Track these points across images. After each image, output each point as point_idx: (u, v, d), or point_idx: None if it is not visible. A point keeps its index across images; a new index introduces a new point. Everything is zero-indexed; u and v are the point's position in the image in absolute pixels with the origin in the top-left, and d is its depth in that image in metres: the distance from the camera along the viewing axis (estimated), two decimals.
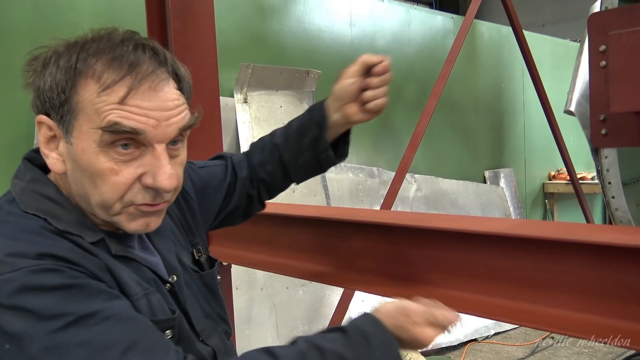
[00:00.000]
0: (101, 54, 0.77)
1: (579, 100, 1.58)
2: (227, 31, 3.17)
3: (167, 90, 0.79)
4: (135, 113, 0.76)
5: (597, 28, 1.25)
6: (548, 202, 5.59)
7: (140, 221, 0.82)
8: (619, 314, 0.98)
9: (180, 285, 0.93)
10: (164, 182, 0.79)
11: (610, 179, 1.52)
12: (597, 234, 0.99)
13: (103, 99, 0.75)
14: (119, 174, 0.78)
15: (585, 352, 3.63)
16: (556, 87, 4.57)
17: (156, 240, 0.94)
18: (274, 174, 1.19)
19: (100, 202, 0.80)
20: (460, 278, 1.21)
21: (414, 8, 4.46)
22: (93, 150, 0.77)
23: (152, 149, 0.79)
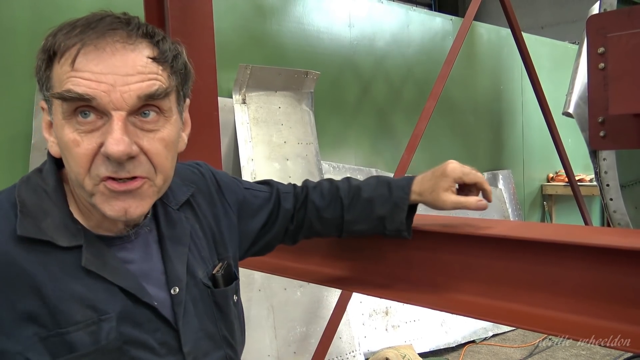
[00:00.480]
0: (69, 28, 0.76)
1: (577, 103, 1.58)
2: (226, 32, 3.16)
3: (129, 57, 0.75)
4: (86, 78, 0.73)
5: (596, 30, 1.26)
6: (546, 204, 5.59)
7: (115, 204, 0.77)
8: (618, 317, 0.97)
9: (179, 300, 0.86)
10: (110, 147, 0.73)
11: (608, 181, 1.52)
12: (595, 237, 0.99)
13: (63, 69, 0.74)
14: (80, 144, 0.75)
15: (584, 354, 3.63)
16: (555, 89, 4.58)
17: (169, 246, 0.89)
18: (326, 223, 1.16)
19: (75, 179, 0.78)
20: (459, 280, 1.20)
21: (413, 9, 4.46)
22: (60, 123, 0.76)
23: (111, 118, 0.74)
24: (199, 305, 0.90)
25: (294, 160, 3.20)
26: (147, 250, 0.87)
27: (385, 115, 4.14)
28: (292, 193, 1.16)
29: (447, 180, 1.10)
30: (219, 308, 0.93)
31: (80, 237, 0.79)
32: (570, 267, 1.03)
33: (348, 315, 3.19)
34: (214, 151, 1.90)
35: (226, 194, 1.06)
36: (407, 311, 3.68)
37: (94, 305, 0.77)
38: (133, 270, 0.83)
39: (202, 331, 0.89)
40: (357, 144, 3.96)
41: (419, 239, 1.21)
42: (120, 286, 0.80)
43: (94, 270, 0.78)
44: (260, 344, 2.89)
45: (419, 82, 4.25)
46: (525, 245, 1.08)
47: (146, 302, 0.82)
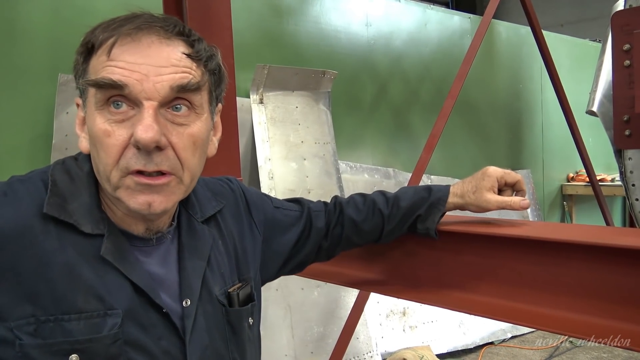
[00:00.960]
0: (106, 24, 0.78)
1: (601, 101, 1.54)
2: (243, 32, 3.17)
3: (165, 49, 0.76)
4: (120, 67, 0.74)
5: (621, 27, 1.23)
6: (566, 204, 5.51)
7: (140, 198, 0.76)
8: (623, 317, 0.95)
9: (190, 312, 0.83)
10: (140, 133, 0.73)
11: (634, 181, 1.49)
12: (621, 238, 0.97)
13: (100, 59, 0.76)
14: (111, 135, 0.75)
15: (605, 356, 3.57)
16: (575, 87, 4.51)
17: (188, 257, 0.87)
18: (365, 235, 1.18)
19: (103, 173, 0.77)
20: (480, 281, 1.19)
21: (430, 8, 4.42)
22: (92, 113, 0.76)
23: (143, 107, 0.75)
24: (211, 322, 0.87)
25: (311, 160, 3.20)
26: (165, 259, 0.86)
27: (402, 114, 4.12)
28: (323, 211, 1.17)
29: (490, 180, 1.14)
30: (232, 328, 0.90)
31: (103, 226, 0.79)
32: (594, 268, 1.01)
33: (365, 315, 3.18)
34: (233, 151, 1.91)
35: (254, 212, 1.05)
36: (424, 312, 3.66)
37: (102, 297, 0.76)
38: (149, 273, 0.82)
39: (211, 349, 0.86)
40: (374, 143, 3.94)
41: (441, 240, 1.20)
42: (134, 282, 0.78)
43: (111, 260, 0.78)
44: (277, 344, 2.90)
45: (436, 82, 4.22)
46: (547, 246, 1.06)
47: (157, 304, 0.80)
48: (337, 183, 3.28)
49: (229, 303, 0.91)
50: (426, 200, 1.15)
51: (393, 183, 3.88)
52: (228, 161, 1.91)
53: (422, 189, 1.18)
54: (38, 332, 0.73)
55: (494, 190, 1.14)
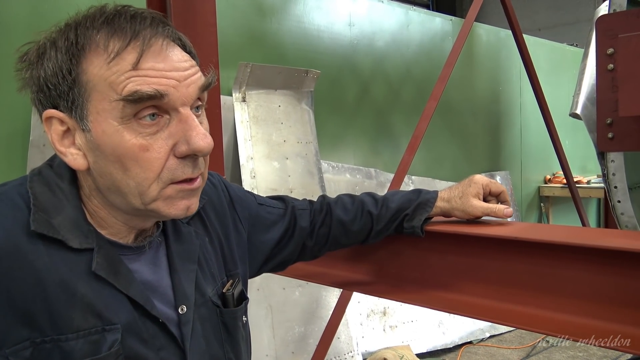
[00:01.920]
0: (100, 27, 0.71)
1: (584, 104, 1.57)
2: (226, 30, 3.15)
3: (177, 52, 0.74)
4: (152, 76, 0.70)
5: (605, 31, 1.25)
6: (543, 206, 5.60)
7: (180, 204, 0.75)
8: (623, 319, 0.97)
9: (187, 319, 0.82)
10: (200, 142, 0.72)
11: (616, 183, 1.52)
12: (605, 239, 0.98)
13: (115, 69, 0.69)
14: (149, 149, 0.71)
15: (581, 355, 3.63)
16: (552, 90, 4.59)
17: (178, 260, 0.85)
18: (353, 236, 1.18)
19: (136, 188, 0.72)
20: (460, 281, 1.20)
21: (413, 9, 4.45)
22: (115, 129, 0.70)
23: (177, 114, 0.72)
24: (207, 326, 0.86)
25: (293, 160, 3.19)
26: (156, 264, 0.83)
27: (384, 115, 4.14)
28: (308, 210, 1.16)
29: (476, 187, 1.17)
30: (227, 329, 0.89)
31: (92, 239, 0.75)
32: (578, 268, 1.02)
33: (346, 315, 3.18)
34: (216, 149, 1.89)
35: (238, 208, 1.03)
36: (404, 312, 3.68)
37: (100, 313, 0.73)
38: (141, 282, 0.80)
39: (208, 354, 0.85)
40: (356, 143, 3.95)
41: (426, 240, 1.21)
42: (130, 296, 0.76)
43: (104, 276, 0.74)
44: (258, 344, 2.88)
45: (418, 83, 4.25)
46: (531, 247, 1.07)
47: (154, 315, 0.78)
48: (319, 183, 3.28)
49: (223, 304, 0.90)
50: (414, 201, 1.17)
51: (375, 183, 3.89)
52: (212, 159, 1.89)
53: (411, 192, 1.20)
54: (34, 355, 0.69)
55: (479, 197, 1.17)
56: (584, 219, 3.90)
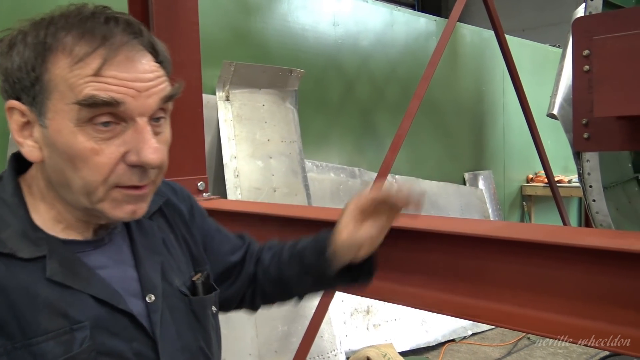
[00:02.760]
0: (71, 28, 0.73)
1: (561, 104, 1.60)
2: (210, 28, 3.13)
3: (144, 62, 0.75)
4: (112, 84, 0.71)
5: (582, 33, 1.27)
6: (526, 205, 5.66)
7: (126, 207, 0.77)
8: (602, 317, 0.99)
9: (156, 307, 0.82)
10: (150, 156, 0.73)
11: (591, 182, 1.54)
12: (581, 238, 1.00)
13: (76, 72, 0.71)
14: (100, 153, 0.72)
15: (561, 352, 3.68)
16: (535, 91, 4.63)
17: (142, 251, 0.86)
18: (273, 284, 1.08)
19: (83, 187, 0.74)
20: (442, 280, 1.21)
21: (397, 9, 4.47)
22: (70, 130, 0.72)
23: (134, 123, 0.74)
24: (176, 315, 0.86)
25: (277, 159, 3.19)
26: (120, 256, 0.84)
27: (368, 114, 4.15)
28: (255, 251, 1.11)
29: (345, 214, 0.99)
30: (197, 318, 0.90)
31: (43, 246, 0.76)
32: (556, 267, 1.04)
33: (329, 314, 3.19)
34: (198, 148, 1.89)
35: (197, 219, 1.02)
36: (388, 310, 3.70)
37: (65, 314, 0.73)
38: (105, 276, 0.79)
39: (180, 341, 0.85)
40: (340, 143, 3.96)
41: (406, 237, 1.22)
42: (92, 295, 0.76)
43: (60, 280, 0.74)
44: (241, 343, 2.88)
45: (402, 82, 4.27)
46: (511, 246, 1.09)
47: (122, 309, 0.78)
48: (303, 182, 3.28)
49: (192, 292, 0.91)
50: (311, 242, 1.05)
51: (359, 182, 3.91)
52: (193, 159, 1.89)
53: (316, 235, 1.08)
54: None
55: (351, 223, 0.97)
56: (564, 217, 3.95)
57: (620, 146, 1.27)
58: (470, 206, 4.77)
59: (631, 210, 1.79)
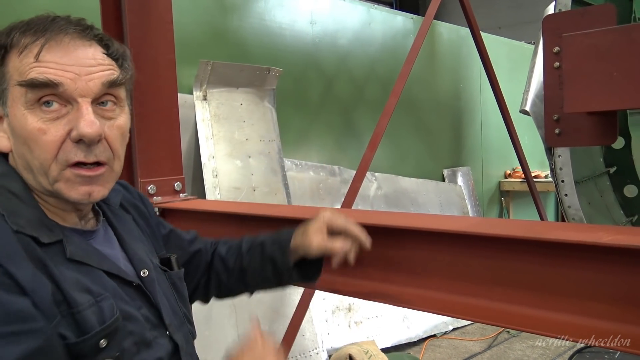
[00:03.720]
0: (24, 28, 0.82)
1: (533, 101, 1.62)
2: (187, 27, 3.11)
3: (89, 51, 0.83)
4: (51, 67, 0.79)
5: (551, 30, 1.28)
6: (504, 200, 5.73)
7: (80, 189, 0.84)
8: (577, 310, 1.00)
9: (151, 279, 0.94)
10: (85, 128, 0.80)
11: (563, 177, 1.57)
12: (552, 232, 1.02)
13: (24, 61, 0.80)
14: (47, 132, 0.80)
15: (539, 345, 3.74)
16: (512, 87, 4.69)
17: (126, 237, 0.97)
18: (231, 274, 1.21)
19: (39, 167, 0.82)
20: (422, 276, 1.21)
21: (374, 8, 4.48)
22: (22, 113, 0.80)
23: (77, 104, 0.81)
24: (163, 286, 0.98)
25: (256, 158, 3.17)
26: (109, 241, 0.94)
27: (348, 112, 4.16)
28: (209, 243, 1.25)
29: (318, 222, 1.10)
30: (176, 288, 1.02)
31: (58, 232, 0.84)
32: (530, 261, 1.05)
33: (311, 312, 3.19)
34: (174, 148, 1.87)
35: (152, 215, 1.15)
36: (369, 307, 3.71)
37: (89, 289, 0.81)
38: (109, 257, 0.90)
39: (171, 308, 0.97)
40: (320, 141, 3.96)
41: (383, 235, 1.22)
42: (105, 270, 0.86)
43: (80, 259, 0.83)
44: (222, 343, 2.86)
45: (381, 80, 4.29)
46: (485, 241, 1.10)
47: (130, 280, 0.89)
48: (282, 181, 3.28)
49: (169, 268, 1.04)
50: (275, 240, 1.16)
51: (338, 180, 3.91)
52: (170, 158, 1.87)
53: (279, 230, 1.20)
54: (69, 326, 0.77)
55: (322, 232, 1.09)
56: (541, 212, 4.01)
57: (590, 141, 1.29)
58: (449, 203, 4.81)
59: (602, 204, 1.82)
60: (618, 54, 1.12)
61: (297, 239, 1.12)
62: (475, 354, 3.69)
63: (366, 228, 1.26)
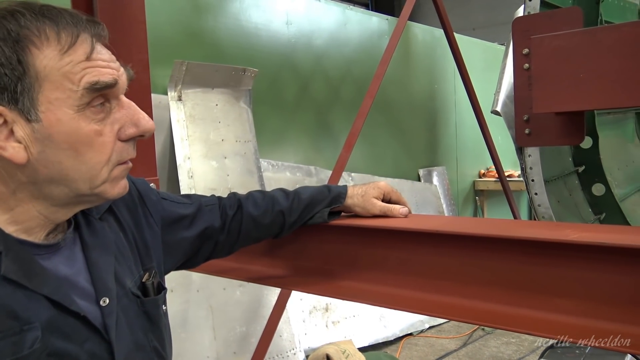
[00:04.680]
0: (43, 19, 0.73)
1: (504, 101, 1.65)
2: (161, 27, 3.08)
3: (104, 46, 0.80)
4: (103, 67, 0.76)
5: (521, 32, 1.31)
6: (478, 199, 5.81)
7: (122, 183, 0.82)
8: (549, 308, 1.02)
9: (110, 310, 0.83)
10: (148, 124, 0.80)
11: (533, 176, 1.60)
12: (522, 230, 1.04)
13: (67, 60, 0.73)
14: (103, 134, 0.77)
15: (514, 341, 3.80)
16: (486, 88, 4.75)
17: (95, 253, 0.85)
18: (264, 230, 1.21)
19: (87, 173, 0.77)
20: (394, 275, 1.23)
21: (349, 8, 4.50)
22: (71, 117, 0.74)
23: (118, 101, 0.79)
24: (130, 316, 0.87)
25: (232, 158, 3.16)
26: (73, 260, 0.83)
27: (324, 113, 4.17)
28: (217, 205, 1.17)
29: (378, 190, 1.26)
30: (149, 318, 0.91)
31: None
32: (500, 259, 1.07)
33: (288, 313, 3.19)
34: (148, 148, 1.85)
35: (147, 202, 1.03)
36: (346, 307, 3.73)
37: (15, 314, 0.72)
38: (60, 279, 0.79)
39: (134, 343, 0.86)
40: (296, 141, 3.96)
41: (348, 233, 1.23)
42: (46, 295, 0.75)
43: (15, 278, 0.73)
44: (199, 346, 2.84)
45: (357, 81, 4.31)
46: (457, 240, 1.12)
47: (74, 311, 0.77)
48: (258, 181, 3.27)
49: (143, 293, 0.92)
50: (327, 196, 1.23)
51: (315, 181, 3.92)
52: (144, 159, 1.84)
53: (322, 187, 1.26)
54: None
55: (379, 199, 1.25)
56: (514, 211, 4.07)
57: (559, 141, 1.32)
58: (425, 202, 4.85)
59: (571, 202, 1.87)
60: (584, 55, 1.15)
61: (357, 200, 1.24)
62: (451, 352, 3.73)
63: (338, 229, 1.28)
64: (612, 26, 1.14)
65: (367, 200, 1.24)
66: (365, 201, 1.24)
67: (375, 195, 1.25)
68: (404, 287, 1.21)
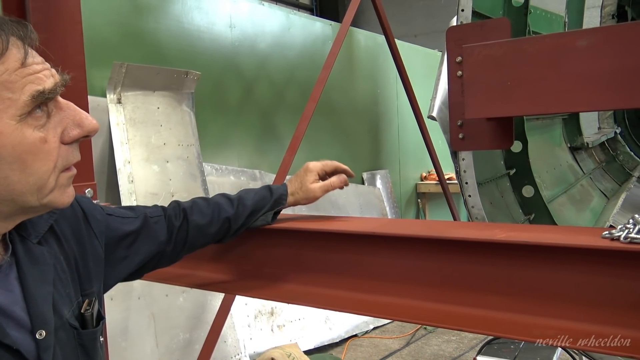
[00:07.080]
0: None
1: (440, 107, 1.71)
2: (100, 28, 3.00)
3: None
4: (39, 71, 0.71)
5: (454, 41, 1.37)
6: (420, 201, 5.96)
7: (69, 191, 0.77)
8: (472, 303, 1.07)
9: (47, 344, 0.77)
10: (92, 123, 0.76)
11: (467, 179, 1.67)
12: (451, 231, 1.08)
13: (2, 68, 0.68)
14: (47, 140, 0.72)
15: (454, 339, 3.93)
16: (427, 94, 4.87)
17: (32, 284, 0.79)
18: (210, 237, 1.20)
19: (35, 184, 0.72)
20: (340, 278, 1.24)
21: (293, 13, 4.53)
22: (14, 128, 0.69)
23: (56, 103, 0.74)
24: (66, 349, 0.82)
25: (174, 163, 3.11)
26: (8, 289, 0.77)
27: (268, 116, 4.17)
28: (163, 216, 1.13)
29: (312, 174, 1.27)
30: (85, 351, 0.86)
31: None
32: (436, 259, 1.11)
33: (233, 318, 3.17)
34: (85, 152, 1.79)
35: (92, 222, 0.98)
36: (292, 310, 3.74)
37: None
38: None
39: None
40: (240, 145, 3.94)
41: (298, 237, 1.25)
42: None
43: None
44: (140, 354, 2.77)
45: (301, 85, 4.34)
46: (395, 241, 1.15)
47: (7, 344, 0.72)
48: (202, 185, 3.23)
49: (81, 325, 0.86)
50: (269, 199, 1.24)
51: (259, 184, 3.90)
52: (80, 163, 1.79)
53: (263, 189, 1.26)
54: None
55: (316, 181, 1.28)
56: (454, 212, 4.21)
57: (490, 145, 1.38)
58: (369, 205, 4.94)
59: (503, 203, 1.96)
60: (511, 64, 1.22)
61: (298, 194, 1.26)
62: (395, 351, 3.81)
63: (282, 232, 1.29)
64: (536, 37, 1.21)
65: (307, 190, 1.25)
66: (306, 191, 1.25)
67: (312, 180, 1.26)
68: (347, 289, 1.23)
